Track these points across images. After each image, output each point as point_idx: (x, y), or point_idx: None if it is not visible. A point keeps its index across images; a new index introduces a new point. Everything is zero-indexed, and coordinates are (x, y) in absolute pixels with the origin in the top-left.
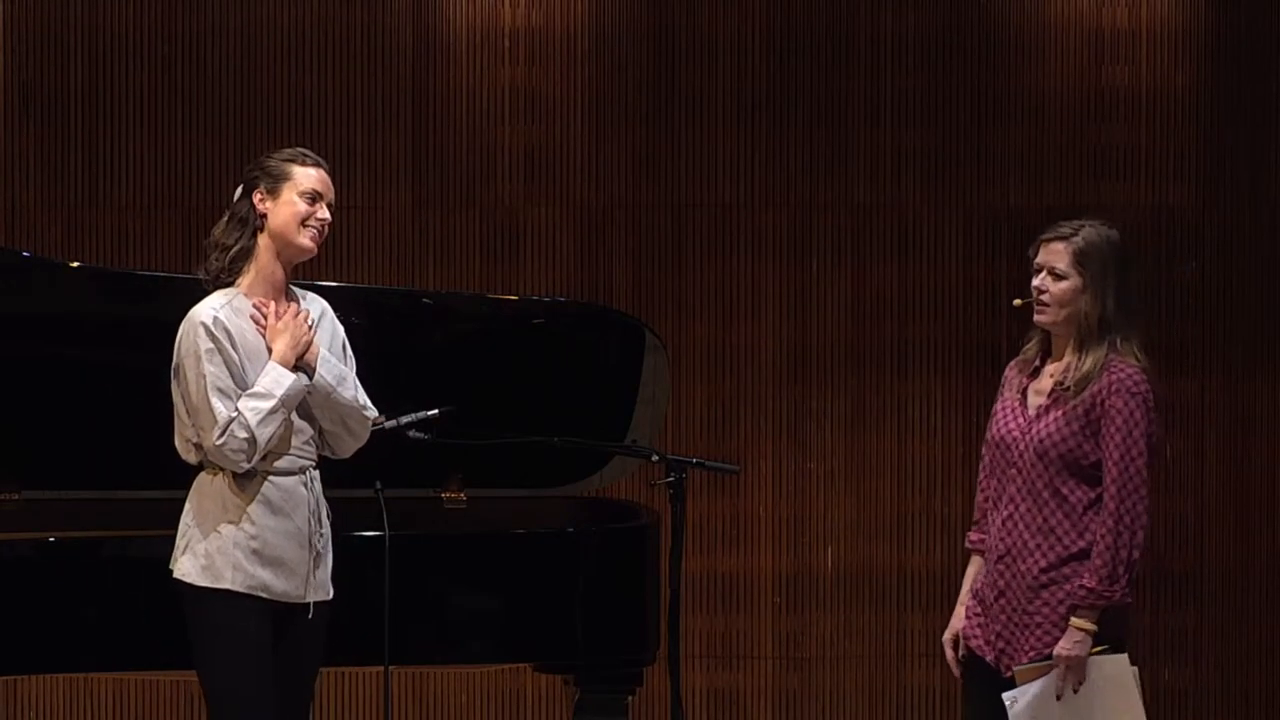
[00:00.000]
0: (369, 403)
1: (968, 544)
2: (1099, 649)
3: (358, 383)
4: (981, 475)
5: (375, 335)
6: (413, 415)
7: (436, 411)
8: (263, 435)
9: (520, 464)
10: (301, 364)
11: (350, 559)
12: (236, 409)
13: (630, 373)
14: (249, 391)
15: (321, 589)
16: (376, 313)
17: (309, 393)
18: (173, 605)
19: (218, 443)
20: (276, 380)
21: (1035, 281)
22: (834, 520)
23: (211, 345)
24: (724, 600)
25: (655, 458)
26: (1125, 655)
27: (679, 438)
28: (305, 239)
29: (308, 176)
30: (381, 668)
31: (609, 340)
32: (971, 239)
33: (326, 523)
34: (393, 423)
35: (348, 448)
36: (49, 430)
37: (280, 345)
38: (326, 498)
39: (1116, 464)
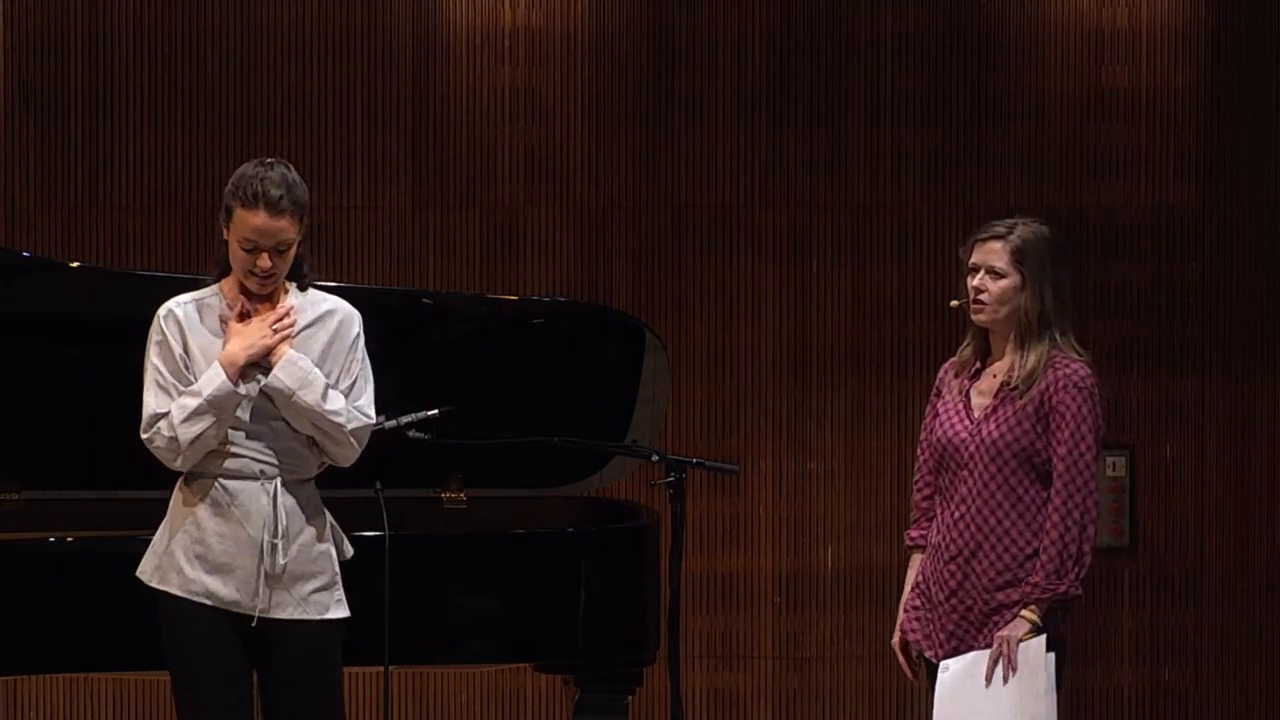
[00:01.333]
0: (356, 412)
1: (908, 541)
2: (1029, 634)
3: (364, 391)
4: (918, 475)
5: (375, 335)
6: (413, 415)
7: (436, 411)
8: (185, 434)
9: (520, 464)
10: (264, 366)
11: (351, 559)
12: (170, 406)
13: (630, 373)
14: (186, 389)
15: (290, 607)
16: (376, 313)
17: (269, 395)
18: None
19: (144, 437)
20: (209, 379)
21: (973, 281)
22: (834, 520)
23: (159, 339)
24: (724, 600)
25: (655, 458)
26: (1043, 637)
27: (679, 438)
28: (250, 284)
29: (245, 224)
30: (381, 668)
31: (609, 340)
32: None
33: (305, 537)
34: (393, 423)
35: (334, 455)
36: (49, 430)
37: (232, 344)
38: (333, 510)
39: (1064, 459)
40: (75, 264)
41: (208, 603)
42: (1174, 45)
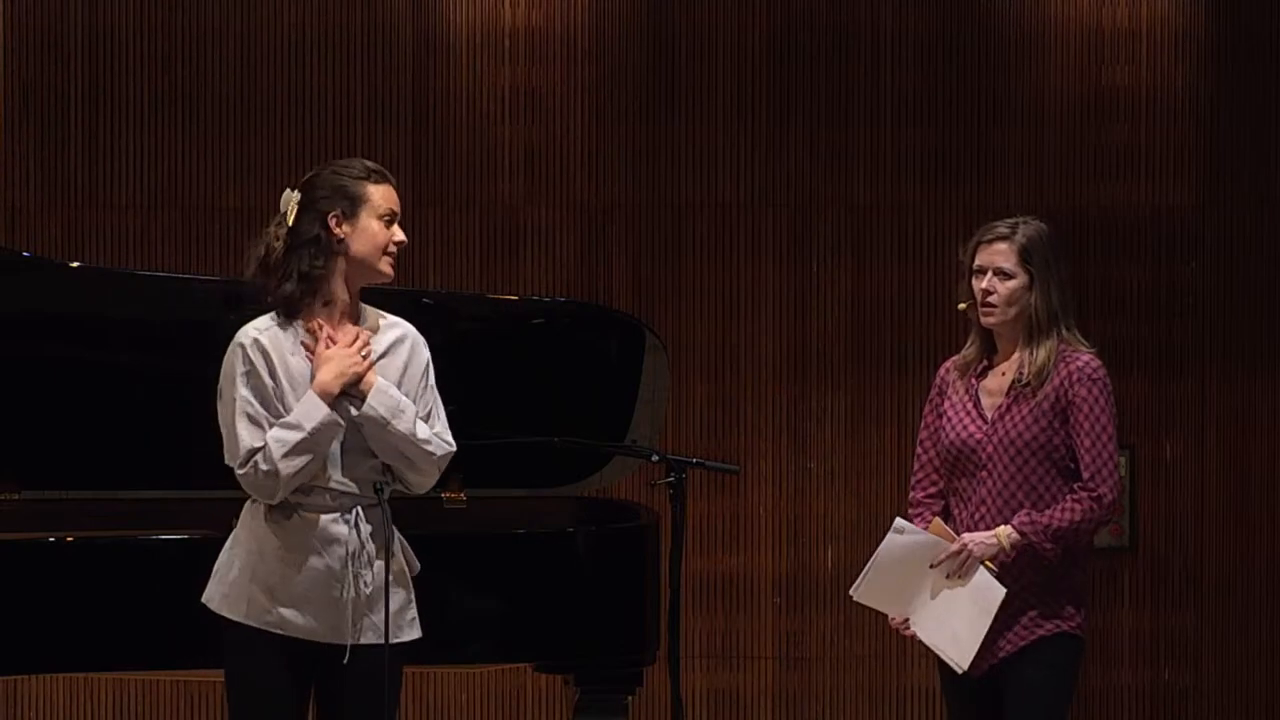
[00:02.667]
0: (438, 438)
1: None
2: (991, 568)
3: (438, 416)
4: (920, 473)
5: None
6: None
7: None
8: (287, 468)
9: (520, 464)
10: (353, 394)
11: None
12: (265, 439)
13: (630, 373)
14: (281, 420)
15: (370, 633)
16: None
17: (360, 425)
18: (173, 605)
19: (240, 473)
20: (308, 412)
21: (981, 284)
22: (834, 520)
23: (247, 368)
24: (724, 600)
25: (655, 458)
26: (1003, 590)
27: (679, 438)
28: (386, 267)
29: (386, 197)
30: None
31: (609, 340)
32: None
33: (382, 563)
34: None
35: (412, 483)
36: (49, 430)
37: (324, 373)
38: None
39: (1088, 450)
40: (75, 264)
41: (280, 632)
42: (1174, 45)
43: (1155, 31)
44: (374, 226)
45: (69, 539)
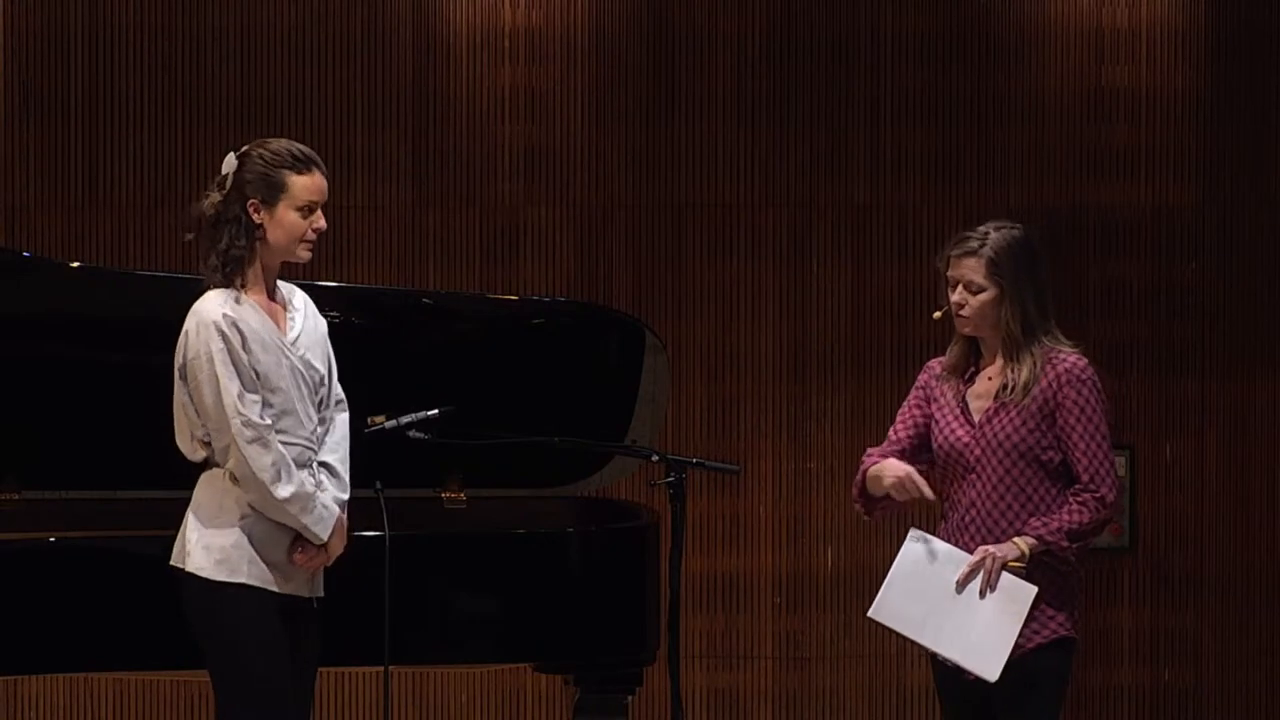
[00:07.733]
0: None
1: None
2: (1016, 563)
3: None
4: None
5: (375, 335)
6: (413, 415)
7: (436, 411)
8: (280, 493)
9: (520, 464)
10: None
11: (350, 559)
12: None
13: (630, 373)
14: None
15: (320, 585)
16: (376, 313)
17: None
18: (173, 605)
19: (247, 436)
20: (323, 525)
21: (953, 297)
22: (834, 520)
23: (224, 345)
24: (724, 600)
25: (655, 458)
26: (1034, 588)
27: (679, 438)
28: (303, 253)
29: (306, 189)
30: (381, 668)
31: (609, 340)
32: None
33: None
34: (393, 423)
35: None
36: (49, 430)
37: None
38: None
39: (1084, 452)
40: (75, 264)
41: (274, 590)
42: (1174, 45)
43: (1155, 31)
44: (291, 218)
45: (68, 539)
